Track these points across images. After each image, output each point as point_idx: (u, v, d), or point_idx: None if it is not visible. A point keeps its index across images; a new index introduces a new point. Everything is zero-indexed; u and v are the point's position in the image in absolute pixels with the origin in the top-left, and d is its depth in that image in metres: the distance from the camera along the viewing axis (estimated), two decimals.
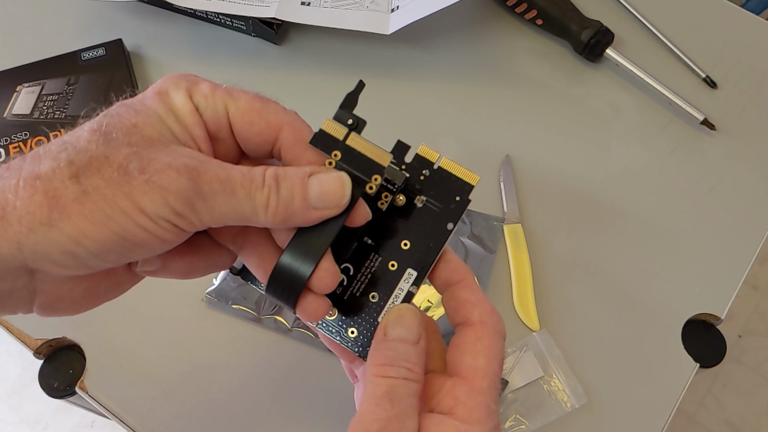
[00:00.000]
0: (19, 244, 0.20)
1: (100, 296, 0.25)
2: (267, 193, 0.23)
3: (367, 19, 0.54)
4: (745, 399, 1.20)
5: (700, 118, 0.54)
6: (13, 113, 0.51)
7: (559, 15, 0.57)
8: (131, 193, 0.21)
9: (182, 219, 0.22)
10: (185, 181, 0.22)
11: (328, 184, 0.24)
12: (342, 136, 0.25)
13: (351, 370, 0.31)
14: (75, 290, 0.24)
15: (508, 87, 0.57)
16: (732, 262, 0.49)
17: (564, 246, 0.50)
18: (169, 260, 0.26)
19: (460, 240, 0.48)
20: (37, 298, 0.23)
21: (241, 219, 0.23)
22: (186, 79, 0.25)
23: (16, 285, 0.22)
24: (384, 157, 0.25)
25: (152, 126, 0.23)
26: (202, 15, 0.59)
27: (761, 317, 1.28)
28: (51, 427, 1.16)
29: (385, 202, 0.27)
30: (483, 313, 0.26)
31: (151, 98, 0.24)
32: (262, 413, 0.43)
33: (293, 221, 0.24)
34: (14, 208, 0.20)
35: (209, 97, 0.25)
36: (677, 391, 0.45)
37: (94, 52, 0.55)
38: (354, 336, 0.27)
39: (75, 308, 0.24)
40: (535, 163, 0.53)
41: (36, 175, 0.21)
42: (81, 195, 0.21)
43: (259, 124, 0.25)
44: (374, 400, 0.24)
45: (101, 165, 0.21)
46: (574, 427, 0.44)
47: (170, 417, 0.43)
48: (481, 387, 0.24)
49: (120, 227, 0.21)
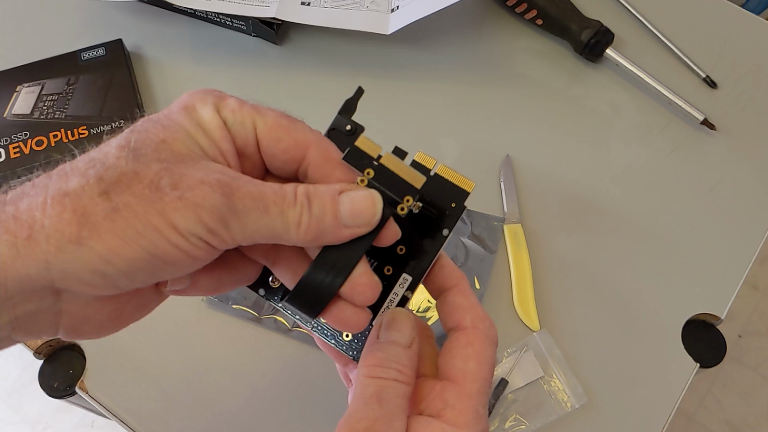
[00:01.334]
0: (46, 264, 0.20)
1: (126, 317, 0.24)
2: (299, 211, 0.23)
3: (367, 19, 0.54)
4: (745, 399, 1.20)
5: (700, 118, 0.54)
6: (13, 113, 0.51)
7: (559, 15, 0.57)
8: (164, 210, 0.21)
9: (215, 236, 0.21)
10: (219, 197, 0.21)
11: (359, 201, 0.24)
12: (376, 154, 0.25)
13: (346, 374, 0.31)
14: (101, 312, 0.23)
15: (508, 87, 0.57)
16: (732, 262, 0.49)
17: (564, 246, 0.50)
18: (198, 277, 0.25)
19: (461, 240, 0.48)
20: (63, 320, 0.22)
21: (272, 236, 0.23)
22: (212, 94, 0.25)
23: (41, 306, 0.21)
24: (418, 179, 0.25)
25: (181, 141, 0.23)
26: (202, 15, 0.59)
27: (761, 317, 1.28)
28: (51, 427, 1.16)
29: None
30: (475, 318, 0.26)
31: (178, 113, 0.24)
32: (262, 413, 0.43)
33: (324, 239, 0.23)
34: (42, 226, 0.20)
35: (237, 112, 0.24)
36: (677, 391, 0.45)
37: (94, 52, 0.55)
38: (349, 339, 0.27)
39: (101, 330, 0.24)
40: (535, 163, 0.53)
41: (64, 192, 0.20)
42: (112, 212, 0.20)
43: (287, 141, 0.25)
44: (363, 400, 0.24)
45: (131, 181, 0.21)
46: (574, 427, 0.44)
47: (170, 417, 0.43)
48: (471, 391, 0.25)
49: (152, 244, 0.21)
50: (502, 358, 0.45)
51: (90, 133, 0.50)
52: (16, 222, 0.20)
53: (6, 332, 0.21)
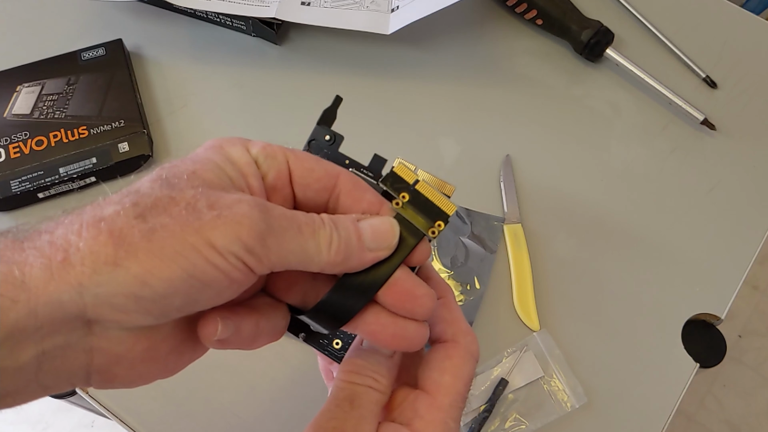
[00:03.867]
0: (80, 287, 0.19)
1: (160, 360, 0.23)
2: (330, 232, 0.23)
3: (367, 19, 0.54)
4: (745, 399, 1.20)
5: (700, 118, 0.54)
6: (13, 113, 0.51)
7: (559, 15, 0.57)
8: (201, 229, 0.20)
9: (252, 256, 0.21)
10: (258, 213, 0.21)
11: (378, 225, 0.25)
12: (412, 180, 0.26)
13: (328, 371, 0.32)
14: (134, 349, 0.22)
15: (508, 87, 0.57)
16: (732, 262, 0.50)
17: (564, 246, 0.50)
18: (241, 321, 0.24)
19: (461, 240, 0.48)
20: (94, 360, 0.21)
21: (304, 259, 0.23)
22: (239, 138, 0.25)
23: (70, 339, 0.20)
24: (450, 207, 0.26)
25: (212, 171, 0.23)
26: (202, 15, 0.59)
27: (761, 317, 1.28)
28: (51, 427, 1.16)
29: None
30: (457, 332, 0.27)
31: (206, 151, 0.24)
32: (262, 413, 0.43)
33: (350, 262, 0.24)
34: (77, 249, 0.19)
35: (268, 148, 0.25)
36: (677, 391, 0.45)
37: (94, 52, 0.55)
38: (338, 347, 0.28)
39: (134, 374, 0.23)
40: (535, 163, 0.53)
41: (100, 218, 0.20)
42: (148, 232, 0.20)
43: (318, 170, 0.25)
44: (335, 401, 0.25)
45: (167, 205, 0.21)
46: (574, 427, 0.44)
47: (170, 417, 0.43)
48: (442, 403, 0.25)
49: (189, 264, 0.20)
50: (503, 358, 0.45)
51: (90, 133, 0.50)
52: (51, 247, 0.20)
53: (32, 372, 0.20)
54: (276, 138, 0.59)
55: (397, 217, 0.26)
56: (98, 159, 0.49)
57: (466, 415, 0.43)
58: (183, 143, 0.53)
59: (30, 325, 0.19)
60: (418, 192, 0.26)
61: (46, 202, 0.49)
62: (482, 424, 0.42)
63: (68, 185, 0.49)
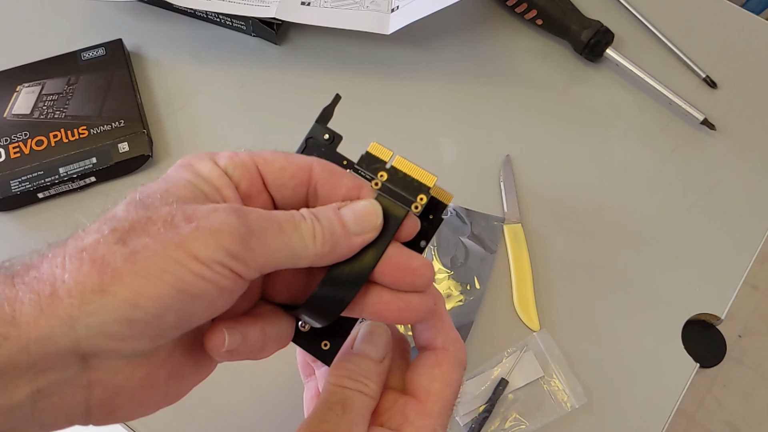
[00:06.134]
0: (71, 320, 0.19)
1: (161, 386, 0.23)
2: (311, 224, 0.23)
3: (367, 19, 0.54)
4: (745, 399, 1.20)
5: (700, 118, 0.54)
6: (13, 113, 0.51)
7: (559, 15, 0.57)
8: (182, 242, 0.20)
9: (237, 261, 0.21)
10: (235, 219, 0.21)
11: (360, 208, 0.25)
12: (388, 158, 0.26)
13: (306, 365, 0.32)
14: (133, 377, 0.22)
15: (508, 87, 0.57)
16: (732, 262, 0.49)
17: (564, 246, 0.50)
18: (246, 329, 0.24)
19: (460, 240, 0.48)
20: (93, 395, 0.21)
21: (291, 256, 0.23)
22: (205, 153, 0.25)
23: (66, 375, 0.20)
24: (429, 178, 0.26)
25: (184, 187, 0.23)
26: (202, 15, 0.59)
27: (761, 317, 1.28)
28: None
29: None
30: (447, 339, 0.27)
31: (176, 170, 0.24)
32: (262, 413, 0.43)
33: (339, 250, 0.24)
34: (63, 281, 0.19)
35: (234, 158, 0.25)
36: (677, 391, 0.45)
37: (94, 52, 0.55)
38: (327, 349, 0.27)
39: (135, 403, 0.22)
40: (535, 163, 0.53)
41: (81, 248, 0.20)
42: (131, 255, 0.20)
43: (290, 167, 0.25)
44: (327, 405, 0.25)
45: (145, 225, 0.21)
46: (574, 427, 0.44)
47: (170, 417, 0.43)
48: (431, 410, 0.25)
49: (176, 278, 0.20)
50: (503, 358, 0.45)
51: (90, 133, 0.50)
52: (39, 282, 0.20)
53: (27, 410, 0.19)
54: (276, 138, 0.59)
55: (378, 197, 0.26)
56: (98, 159, 0.49)
57: (467, 415, 0.43)
58: (183, 143, 0.53)
59: (23, 362, 0.19)
60: (396, 168, 0.26)
61: (46, 202, 0.49)
62: (482, 424, 0.42)
63: (68, 185, 0.49)
